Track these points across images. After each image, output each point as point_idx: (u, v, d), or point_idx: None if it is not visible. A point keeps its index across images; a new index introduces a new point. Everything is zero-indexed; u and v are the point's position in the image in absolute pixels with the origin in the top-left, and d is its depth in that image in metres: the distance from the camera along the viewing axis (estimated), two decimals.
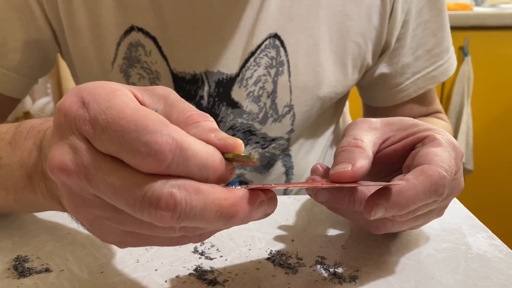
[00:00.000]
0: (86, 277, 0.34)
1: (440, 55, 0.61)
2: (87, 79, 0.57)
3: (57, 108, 0.25)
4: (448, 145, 0.34)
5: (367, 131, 0.36)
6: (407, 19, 0.57)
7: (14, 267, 0.35)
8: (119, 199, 0.23)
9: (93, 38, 0.53)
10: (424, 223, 0.37)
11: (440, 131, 0.35)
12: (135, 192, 0.23)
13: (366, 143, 0.34)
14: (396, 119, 0.37)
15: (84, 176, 0.24)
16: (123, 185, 0.23)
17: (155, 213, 0.23)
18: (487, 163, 1.72)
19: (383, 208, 0.30)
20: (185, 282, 0.33)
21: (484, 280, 0.34)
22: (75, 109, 0.24)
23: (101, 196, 0.24)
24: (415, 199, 0.30)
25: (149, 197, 0.22)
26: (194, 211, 0.23)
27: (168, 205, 0.22)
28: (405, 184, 0.31)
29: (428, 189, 0.31)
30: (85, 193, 0.24)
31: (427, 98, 0.64)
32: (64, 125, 0.25)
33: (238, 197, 0.24)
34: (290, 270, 0.34)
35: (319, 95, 0.56)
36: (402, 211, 0.30)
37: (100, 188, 0.23)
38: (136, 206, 0.23)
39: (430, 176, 0.31)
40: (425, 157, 0.33)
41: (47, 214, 0.43)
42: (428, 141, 0.34)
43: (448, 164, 0.32)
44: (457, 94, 1.64)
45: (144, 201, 0.23)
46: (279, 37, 0.53)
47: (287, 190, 0.64)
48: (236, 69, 0.53)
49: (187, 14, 0.51)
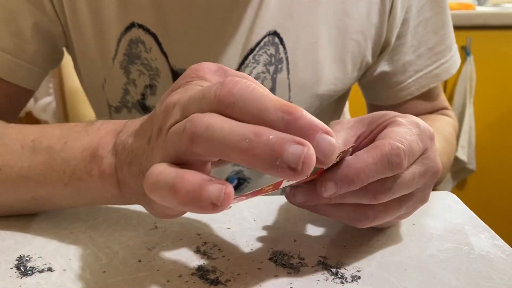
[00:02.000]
0: (89, 277, 0.34)
1: (442, 53, 0.60)
2: (89, 74, 0.58)
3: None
4: (409, 124, 0.34)
5: (339, 132, 0.36)
6: (407, 17, 0.57)
7: (16, 267, 0.35)
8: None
9: (94, 34, 0.53)
10: (410, 212, 0.37)
11: (406, 116, 0.35)
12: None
13: (340, 143, 0.35)
14: (368, 115, 0.37)
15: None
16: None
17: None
18: (489, 163, 1.71)
19: (332, 182, 0.30)
20: (187, 282, 0.33)
21: (487, 280, 0.34)
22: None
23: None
24: (365, 171, 0.30)
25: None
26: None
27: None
28: (353, 157, 0.31)
29: (379, 160, 0.31)
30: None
31: (432, 95, 0.64)
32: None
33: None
34: (292, 270, 0.34)
35: (318, 92, 0.56)
36: (353, 184, 0.30)
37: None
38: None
39: (380, 148, 0.31)
40: (382, 136, 0.33)
41: (50, 214, 0.43)
42: (390, 124, 0.34)
43: (405, 137, 0.32)
44: (459, 94, 1.64)
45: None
46: (278, 34, 0.53)
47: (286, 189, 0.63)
48: (235, 66, 0.53)
49: (187, 11, 0.51)
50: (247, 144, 0.22)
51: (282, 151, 0.22)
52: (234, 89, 0.24)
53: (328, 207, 0.35)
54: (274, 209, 0.45)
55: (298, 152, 0.22)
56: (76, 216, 0.43)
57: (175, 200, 0.23)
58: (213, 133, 0.23)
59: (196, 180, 0.23)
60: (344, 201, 0.33)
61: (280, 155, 0.22)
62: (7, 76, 0.52)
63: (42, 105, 1.33)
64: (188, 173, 0.23)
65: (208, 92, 0.25)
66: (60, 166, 0.38)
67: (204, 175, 0.23)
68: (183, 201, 0.23)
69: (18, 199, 0.40)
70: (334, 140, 0.24)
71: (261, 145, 0.22)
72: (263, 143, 0.22)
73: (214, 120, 0.24)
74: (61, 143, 0.38)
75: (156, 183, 0.24)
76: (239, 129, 0.23)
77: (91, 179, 0.36)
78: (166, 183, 0.24)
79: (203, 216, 0.43)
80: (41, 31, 0.53)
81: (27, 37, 0.52)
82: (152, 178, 0.24)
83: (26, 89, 0.55)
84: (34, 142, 0.40)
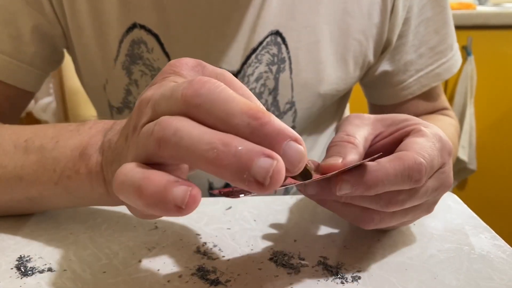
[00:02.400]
0: (89, 277, 0.34)
1: (443, 52, 0.60)
2: (90, 75, 0.58)
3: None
4: (433, 136, 0.34)
5: (359, 127, 0.36)
6: (409, 16, 0.57)
7: (17, 267, 0.35)
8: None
9: (95, 35, 0.53)
10: (413, 220, 0.37)
11: (429, 125, 0.35)
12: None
13: (359, 139, 0.34)
14: (389, 115, 0.37)
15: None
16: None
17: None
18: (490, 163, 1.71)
19: (349, 184, 0.30)
20: (187, 282, 0.33)
21: (487, 280, 0.33)
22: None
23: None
24: (383, 180, 0.30)
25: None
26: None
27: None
28: (375, 164, 0.31)
29: (401, 173, 0.31)
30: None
31: (432, 95, 0.64)
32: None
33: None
34: (293, 270, 0.34)
35: (320, 92, 0.56)
36: (368, 190, 0.30)
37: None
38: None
39: (404, 161, 0.31)
40: (405, 145, 0.33)
41: (50, 214, 0.43)
42: (413, 132, 0.34)
43: (429, 152, 0.32)
44: (460, 94, 1.63)
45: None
46: (280, 34, 0.53)
47: (288, 189, 0.64)
48: (238, 65, 0.53)
49: (189, 12, 0.51)
50: (215, 154, 0.22)
51: (250, 164, 0.21)
52: (201, 89, 0.23)
53: (336, 204, 0.35)
54: (274, 210, 0.45)
55: (267, 166, 0.21)
56: (76, 216, 0.43)
57: (140, 201, 0.22)
58: (181, 140, 0.22)
59: (161, 181, 0.22)
60: (354, 202, 0.33)
61: (248, 168, 0.21)
62: (6, 78, 0.52)
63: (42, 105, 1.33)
64: (154, 174, 0.23)
65: (176, 91, 0.24)
66: (51, 165, 0.38)
67: (170, 176, 0.22)
68: (147, 202, 0.22)
69: (12, 200, 0.40)
70: (302, 148, 0.23)
71: (229, 156, 0.21)
72: (231, 154, 0.21)
73: (183, 125, 0.23)
74: (53, 142, 0.39)
75: (123, 182, 0.23)
76: (208, 137, 0.22)
77: (79, 177, 0.36)
78: (133, 183, 0.23)
79: (203, 217, 0.43)
80: (40, 33, 0.53)
81: (26, 39, 0.52)
82: (120, 178, 0.24)
83: (26, 91, 0.55)
84: (27, 142, 0.40)
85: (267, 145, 0.22)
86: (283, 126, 0.23)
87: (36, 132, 0.41)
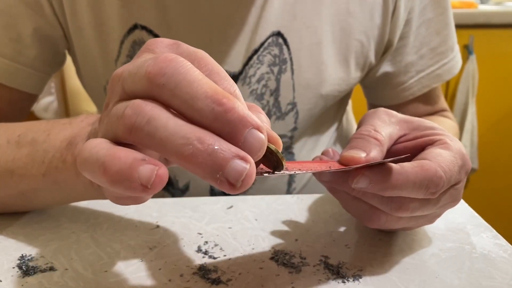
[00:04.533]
0: (90, 276, 0.34)
1: (444, 53, 0.60)
2: (91, 76, 0.58)
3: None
4: (457, 153, 0.34)
5: (387, 125, 0.36)
6: (410, 18, 0.57)
7: (18, 266, 0.35)
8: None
9: (96, 36, 0.53)
10: (415, 227, 0.38)
11: (454, 139, 0.35)
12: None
13: (385, 137, 0.34)
14: (416, 119, 0.37)
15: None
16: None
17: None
18: (492, 162, 1.71)
19: (367, 180, 0.30)
20: (188, 281, 0.33)
21: (489, 279, 0.33)
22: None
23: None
24: (402, 185, 0.30)
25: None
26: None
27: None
28: (398, 167, 0.31)
29: (419, 181, 0.31)
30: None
31: (433, 97, 0.64)
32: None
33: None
34: (294, 270, 0.34)
35: (322, 93, 0.56)
36: (384, 190, 0.30)
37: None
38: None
39: (426, 171, 0.31)
40: (429, 154, 0.33)
41: (51, 213, 0.43)
42: (439, 143, 0.34)
43: (450, 167, 0.32)
44: (461, 93, 1.63)
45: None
46: (282, 35, 0.53)
47: (290, 188, 0.64)
48: (239, 66, 0.53)
49: (191, 13, 0.51)
50: (190, 150, 0.21)
51: (225, 165, 0.21)
52: (166, 68, 0.22)
53: (346, 196, 0.35)
54: (276, 209, 0.45)
55: (240, 169, 0.21)
56: (77, 216, 0.43)
57: (103, 178, 0.22)
58: (155, 130, 0.22)
59: (128, 158, 0.21)
60: (365, 199, 0.33)
61: (222, 168, 0.21)
62: (8, 81, 0.52)
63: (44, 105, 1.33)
64: (120, 151, 0.22)
65: (141, 68, 0.23)
66: (40, 157, 0.38)
67: (137, 153, 0.22)
68: (112, 180, 0.21)
69: (6, 195, 0.41)
70: (263, 136, 0.22)
71: (204, 154, 0.21)
72: (206, 153, 0.21)
73: (158, 115, 0.22)
74: (45, 135, 0.39)
75: (88, 158, 0.23)
76: (184, 132, 0.22)
77: (66, 167, 0.36)
78: (97, 159, 0.22)
79: (205, 216, 0.43)
80: (41, 36, 0.53)
81: (27, 42, 0.52)
82: (84, 154, 0.23)
83: (29, 94, 0.55)
84: (20, 136, 0.40)
85: (229, 131, 0.22)
86: (246, 113, 0.22)
87: (30, 127, 0.41)
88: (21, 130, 0.41)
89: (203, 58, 0.25)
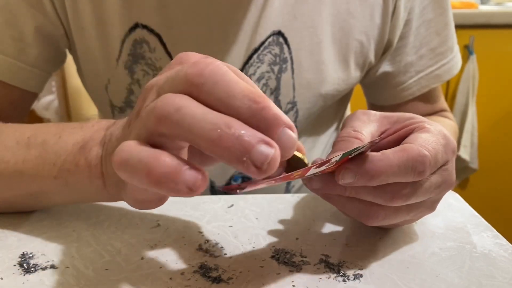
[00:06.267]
0: (91, 274, 0.34)
1: (444, 54, 0.61)
2: (92, 75, 0.58)
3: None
4: (437, 133, 0.34)
5: (366, 123, 0.36)
6: (410, 18, 0.57)
7: (19, 264, 0.35)
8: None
9: (98, 35, 0.53)
10: (416, 218, 0.37)
11: (432, 123, 0.35)
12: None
13: (365, 135, 0.35)
14: (394, 113, 0.37)
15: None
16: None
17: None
18: (492, 162, 1.71)
19: (351, 172, 0.30)
20: (189, 280, 0.33)
21: (489, 279, 0.33)
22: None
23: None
24: (387, 170, 0.30)
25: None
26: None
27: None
28: (379, 154, 0.31)
29: (404, 164, 0.31)
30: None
31: (432, 97, 0.64)
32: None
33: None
34: (294, 268, 0.34)
35: (321, 92, 0.56)
36: (372, 181, 0.30)
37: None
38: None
39: (408, 152, 0.31)
40: (409, 139, 0.33)
41: (52, 211, 0.44)
42: (418, 129, 0.34)
43: (433, 146, 0.32)
44: (462, 93, 1.63)
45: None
46: (282, 34, 0.53)
47: (289, 187, 0.64)
48: (239, 65, 0.53)
49: (191, 11, 0.52)
50: (217, 134, 0.22)
51: (251, 148, 0.22)
52: (205, 69, 0.24)
53: (340, 199, 0.35)
54: (276, 207, 0.45)
55: (266, 152, 0.22)
56: (79, 214, 0.43)
57: (147, 179, 0.23)
58: (184, 117, 0.23)
59: (173, 163, 0.23)
60: (359, 196, 0.33)
61: (248, 151, 0.22)
62: (9, 79, 0.52)
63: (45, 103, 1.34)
64: (163, 154, 0.23)
65: (180, 71, 0.25)
66: (51, 159, 0.38)
67: (180, 159, 0.23)
68: (156, 181, 0.22)
69: (15, 195, 0.41)
70: (295, 135, 0.24)
71: (231, 138, 0.22)
72: (234, 137, 0.22)
73: (186, 103, 0.23)
74: (56, 137, 0.39)
75: (128, 159, 0.23)
76: (212, 118, 0.23)
77: (79, 170, 0.36)
78: (139, 161, 0.23)
79: (206, 214, 0.43)
80: (43, 34, 0.53)
81: (28, 40, 0.52)
82: (122, 155, 0.24)
83: (30, 92, 0.55)
84: (30, 138, 0.40)
85: (264, 129, 0.23)
86: (280, 112, 0.23)
87: (40, 129, 0.41)
88: (30, 132, 0.41)
89: (231, 67, 0.27)
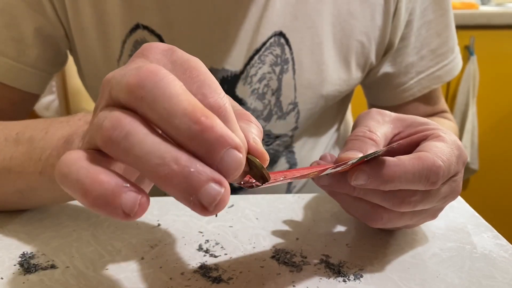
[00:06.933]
0: (92, 274, 0.34)
1: (444, 55, 0.61)
2: (93, 76, 0.58)
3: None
4: (452, 143, 0.34)
5: (381, 124, 0.36)
6: (411, 19, 0.57)
7: (20, 264, 0.35)
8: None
9: (98, 36, 0.53)
10: (418, 224, 0.38)
11: (446, 131, 0.35)
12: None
13: (380, 136, 0.35)
14: (409, 116, 0.37)
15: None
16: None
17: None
18: (492, 163, 1.71)
19: (365, 175, 0.30)
20: (189, 280, 0.33)
21: (489, 279, 0.33)
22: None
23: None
24: (400, 177, 0.30)
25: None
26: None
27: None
28: (395, 160, 0.31)
29: (419, 172, 0.31)
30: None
31: (433, 98, 0.64)
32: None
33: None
34: (295, 268, 0.34)
35: (323, 93, 0.56)
36: (384, 184, 0.30)
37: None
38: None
39: (424, 161, 0.31)
40: (424, 147, 0.33)
41: (52, 211, 0.44)
42: (432, 137, 0.35)
43: (447, 157, 0.32)
44: (462, 93, 1.63)
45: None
46: (284, 35, 0.53)
47: (290, 187, 0.64)
48: (241, 66, 0.53)
49: (192, 12, 0.51)
50: (165, 171, 0.20)
51: (199, 189, 0.20)
52: (146, 80, 0.22)
53: (347, 198, 0.35)
54: (277, 208, 0.45)
55: (214, 193, 0.21)
56: (79, 213, 0.43)
57: (84, 201, 0.21)
58: (132, 147, 0.21)
59: (110, 184, 0.21)
60: (366, 197, 0.33)
61: (195, 191, 0.20)
62: (10, 81, 0.52)
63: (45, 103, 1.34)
64: (102, 174, 0.21)
65: (124, 77, 0.23)
66: (37, 154, 0.38)
67: (120, 178, 0.21)
68: (92, 204, 0.21)
69: (4, 192, 0.41)
70: (241, 156, 0.22)
71: (180, 176, 0.20)
72: (182, 175, 0.20)
73: (135, 130, 0.21)
74: (43, 133, 0.39)
75: (67, 175, 0.22)
76: (161, 151, 0.21)
77: None
78: (78, 180, 0.21)
79: None
80: (43, 36, 0.53)
81: (29, 42, 0.52)
82: (63, 170, 0.22)
83: (31, 94, 0.55)
84: (18, 134, 0.40)
85: (205, 151, 0.21)
86: (224, 132, 0.21)
87: (28, 125, 0.41)
88: (19, 128, 0.41)
89: (195, 68, 0.24)
